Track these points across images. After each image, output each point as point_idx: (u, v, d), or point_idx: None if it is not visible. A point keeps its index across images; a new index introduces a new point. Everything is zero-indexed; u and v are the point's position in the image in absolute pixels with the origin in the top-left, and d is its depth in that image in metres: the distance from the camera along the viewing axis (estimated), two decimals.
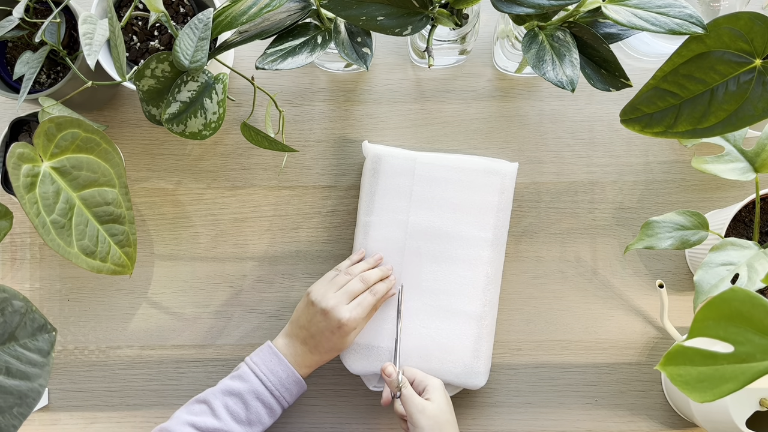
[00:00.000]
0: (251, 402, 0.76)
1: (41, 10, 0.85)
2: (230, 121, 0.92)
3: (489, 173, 0.85)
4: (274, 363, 0.78)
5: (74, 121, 0.68)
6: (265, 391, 0.76)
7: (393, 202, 0.85)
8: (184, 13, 0.84)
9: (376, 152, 0.86)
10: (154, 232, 0.91)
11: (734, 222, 0.80)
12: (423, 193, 0.85)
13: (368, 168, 0.86)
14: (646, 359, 0.87)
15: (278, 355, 0.78)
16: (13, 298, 0.56)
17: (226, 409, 0.76)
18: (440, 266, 0.84)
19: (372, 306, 0.80)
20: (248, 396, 0.76)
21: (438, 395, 0.76)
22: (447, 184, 0.85)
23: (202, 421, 0.75)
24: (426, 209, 0.85)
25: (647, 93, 0.63)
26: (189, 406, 0.77)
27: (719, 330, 0.47)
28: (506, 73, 0.92)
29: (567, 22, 0.69)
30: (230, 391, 0.77)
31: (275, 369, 0.78)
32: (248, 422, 0.76)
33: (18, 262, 0.91)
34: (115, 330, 0.90)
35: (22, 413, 0.54)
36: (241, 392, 0.76)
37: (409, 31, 0.68)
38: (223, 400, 0.76)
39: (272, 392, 0.77)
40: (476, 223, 0.84)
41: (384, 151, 0.86)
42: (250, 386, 0.76)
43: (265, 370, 0.77)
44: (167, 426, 0.75)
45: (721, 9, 0.81)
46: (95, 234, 0.71)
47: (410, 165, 0.85)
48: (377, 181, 0.86)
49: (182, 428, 0.74)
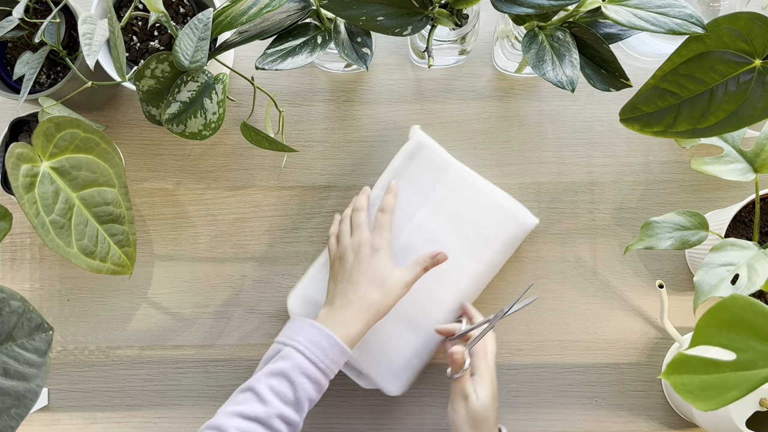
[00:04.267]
0: (297, 379, 0.71)
1: (41, 10, 0.85)
2: (230, 121, 0.92)
3: (508, 213, 0.84)
4: (315, 334, 0.73)
5: (73, 121, 0.68)
6: (309, 365, 0.71)
7: (411, 191, 0.85)
8: (184, 13, 0.84)
9: (420, 139, 0.86)
10: (154, 232, 0.91)
11: (734, 222, 0.80)
12: (440, 198, 0.84)
13: (406, 150, 0.86)
14: (646, 359, 0.87)
15: (317, 326, 0.73)
16: (10, 299, 0.56)
17: (272, 391, 0.70)
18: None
19: (390, 223, 0.80)
20: (293, 373, 0.71)
21: (485, 392, 0.74)
22: (465, 201, 0.84)
23: (249, 409, 0.69)
24: (436, 213, 0.84)
25: (647, 92, 0.63)
26: (233, 397, 0.72)
27: (721, 338, 0.47)
28: (506, 73, 0.92)
29: (567, 22, 0.69)
30: (273, 372, 0.71)
31: (316, 340, 0.72)
32: (296, 401, 0.71)
33: (18, 262, 0.91)
34: (115, 330, 0.90)
35: (19, 414, 0.54)
36: (284, 370, 0.71)
37: (409, 31, 0.68)
38: (267, 383, 0.71)
39: (317, 365, 0.72)
40: (472, 252, 0.83)
41: (429, 142, 0.86)
42: (293, 362, 0.71)
43: (307, 343, 0.72)
44: (213, 422, 0.70)
45: (721, 9, 0.81)
46: (95, 234, 0.71)
47: (444, 167, 0.85)
48: (409, 165, 0.85)
49: (229, 420, 0.69)
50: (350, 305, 0.75)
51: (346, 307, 0.75)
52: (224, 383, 0.88)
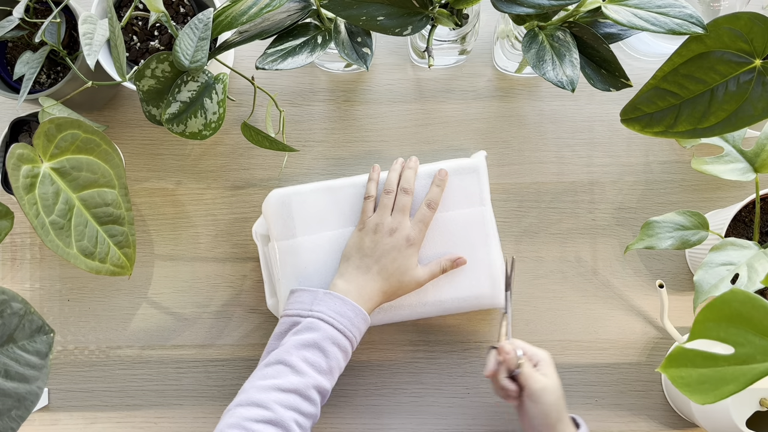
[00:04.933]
0: (329, 348, 0.72)
1: (41, 10, 0.85)
2: (230, 121, 0.92)
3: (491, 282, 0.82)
4: (339, 305, 0.74)
5: (74, 122, 0.68)
6: (339, 335, 0.72)
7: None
8: (184, 13, 0.84)
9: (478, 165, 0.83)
10: (154, 233, 0.91)
11: (734, 222, 0.80)
12: (451, 220, 0.83)
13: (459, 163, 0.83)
14: (646, 359, 0.87)
15: (340, 297, 0.74)
16: (12, 300, 0.56)
17: (306, 362, 0.70)
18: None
19: (430, 219, 0.80)
20: (325, 343, 0.71)
21: (552, 370, 0.75)
22: (468, 239, 0.82)
23: (286, 381, 0.69)
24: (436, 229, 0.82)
25: (647, 93, 0.63)
26: (262, 371, 0.71)
27: (720, 332, 0.47)
28: (506, 73, 0.92)
29: (567, 22, 0.69)
30: (303, 343, 0.71)
31: (342, 310, 0.74)
32: (329, 370, 0.72)
33: (18, 262, 0.91)
34: (115, 330, 0.90)
35: (20, 416, 0.54)
36: (316, 341, 0.71)
37: (409, 31, 0.68)
38: (300, 354, 0.71)
39: (346, 334, 0.73)
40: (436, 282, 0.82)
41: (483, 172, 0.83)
42: (323, 333, 0.72)
43: (333, 313, 0.73)
44: (249, 398, 0.68)
45: (721, 9, 0.81)
46: (94, 235, 0.71)
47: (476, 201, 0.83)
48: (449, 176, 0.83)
49: (267, 395, 0.68)
50: (373, 284, 0.77)
51: (369, 283, 0.77)
52: (224, 383, 0.88)
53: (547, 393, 0.73)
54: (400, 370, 0.88)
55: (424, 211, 0.80)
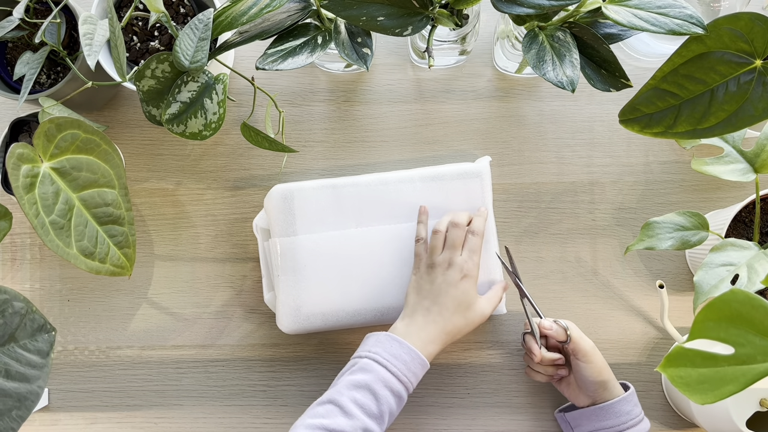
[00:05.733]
0: (380, 392, 0.70)
1: (41, 11, 0.85)
2: (230, 121, 0.92)
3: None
4: (395, 347, 0.72)
5: (74, 122, 0.68)
6: (392, 378, 0.70)
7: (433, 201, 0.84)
8: (185, 13, 0.84)
9: (482, 170, 0.84)
10: (154, 233, 0.91)
11: (734, 222, 0.80)
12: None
13: (464, 168, 0.84)
14: (646, 359, 0.87)
15: (398, 339, 0.73)
16: (13, 300, 0.56)
17: (356, 404, 0.69)
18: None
19: (480, 247, 0.79)
20: (376, 386, 0.70)
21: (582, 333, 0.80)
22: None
23: (334, 422, 0.68)
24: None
25: (647, 93, 0.63)
26: (313, 410, 0.71)
27: (719, 332, 0.47)
28: (506, 74, 0.92)
29: (567, 23, 0.69)
30: (355, 384, 0.70)
31: (398, 353, 0.72)
32: (380, 415, 0.70)
33: (18, 262, 0.91)
34: (115, 330, 0.90)
35: (20, 416, 0.54)
36: (368, 383, 0.70)
37: (409, 31, 0.68)
38: (351, 395, 0.69)
39: (399, 378, 0.71)
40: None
41: (487, 178, 0.85)
42: (376, 375, 0.70)
43: (388, 356, 0.71)
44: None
45: (722, 9, 0.81)
46: (94, 235, 0.71)
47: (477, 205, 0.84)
48: (452, 181, 0.84)
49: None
50: (434, 325, 0.75)
51: (429, 325, 0.75)
52: (224, 383, 0.88)
53: (596, 350, 0.78)
54: None
55: (472, 240, 0.78)
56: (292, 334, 0.84)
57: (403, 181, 0.83)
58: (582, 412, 0.79)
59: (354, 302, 0.81)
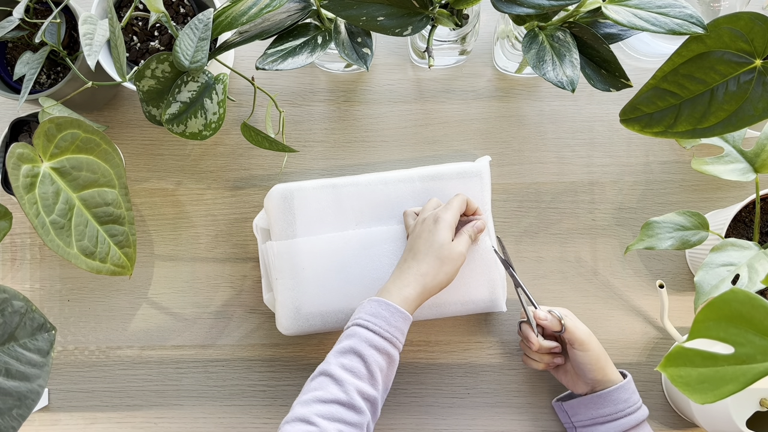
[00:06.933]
0: (365, 351, 0.70)
1: (41, 11, 0.85)
2: (230, 121, 0.92)
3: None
4: (374, 306, 0.73)
5: (74, 122, 0.68)
6: (374, 336, 0.71)
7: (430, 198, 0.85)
8: (185, 13, 0.84)
9: (482, 170, 0.85)
10: (155, 233, 0.91)
11: (734, 222, 0.80)
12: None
13: (464, 167, 0.85)
14: (646, 359, 0.87)
15: (376, 299, 0.73)
16: (13, 299, 0.56)
17: (345, 369, 0.70)
18: None
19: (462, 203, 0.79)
20: (361, 347, 0.70)
21: (579, 321, 0.80)
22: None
23: (326, 392, 0.68)
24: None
25: (647, 93, 0.63)
26: (306, 386, 0.71)
27: (719, 331, 0.47)
28: (506, 74, 0.92)
29: (567, 23, 0.69)
30: (342, 350, 0.71)
31: (376, 311, 0.72)
32: (370, 375, 0.70)
33: (18, 262, 0.91)
34: (115, 330, 0.90)
35: (21, 415, 0.54)
36: (352, 347, 0.71)
37: (409, 31, 0.68)
38: (338, 362, 0.70)
39: (382, 335, 0.71)
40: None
41: (486, 178, 0.85)
42: (359, 338, 0.71)
43: (367, 317, 0.72)
44: (294, 415, 0.68)
45: (722, 9, 0.81)
46: (95, 235, 0.71)
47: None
48: (451, 180, 0.85)
49: (308, 408, 0.67)
50: (408, 271, 0.75)
51: (403, 273, 0.75)
52: (224, 383, 0.88)
53: (593, 338, 0.79)
54: (400, 370, 0.88)
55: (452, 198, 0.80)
56: (292, 335, 0.84)
57: (402, 181, 0.84)
58: (580, 401, 0.80)
59: (354, 303, 0.81)
